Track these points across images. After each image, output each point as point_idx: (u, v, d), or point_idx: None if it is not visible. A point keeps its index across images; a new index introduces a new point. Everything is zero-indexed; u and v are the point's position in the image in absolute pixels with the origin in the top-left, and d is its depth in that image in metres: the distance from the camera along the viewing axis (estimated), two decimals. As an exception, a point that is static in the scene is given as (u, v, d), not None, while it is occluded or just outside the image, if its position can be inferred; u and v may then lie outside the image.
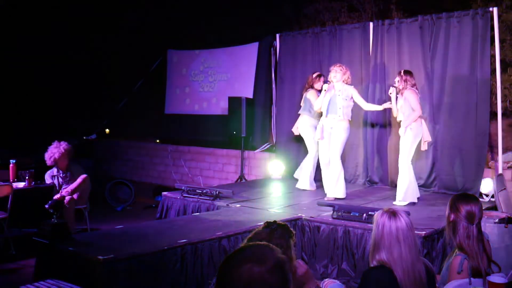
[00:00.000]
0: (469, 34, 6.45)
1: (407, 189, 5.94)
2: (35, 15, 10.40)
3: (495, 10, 6.25)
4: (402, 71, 6.07)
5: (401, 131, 5.95)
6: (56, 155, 6.12)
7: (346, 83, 6.34)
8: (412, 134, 5.90)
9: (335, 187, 6.30)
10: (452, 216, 2.96)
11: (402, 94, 5.97)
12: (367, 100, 7.37)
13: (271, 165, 8.40)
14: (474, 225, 2.90)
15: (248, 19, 9.68)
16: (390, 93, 6.14)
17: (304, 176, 7.09)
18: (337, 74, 6.30)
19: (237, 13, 9.82)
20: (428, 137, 6.03)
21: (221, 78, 10.52)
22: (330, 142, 6.31)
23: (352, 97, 6.33)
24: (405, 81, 5.94)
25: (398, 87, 6.02)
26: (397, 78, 6.04)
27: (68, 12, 10.61)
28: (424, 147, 6.07)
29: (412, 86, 5.95)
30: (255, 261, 1.37)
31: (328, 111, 6.29)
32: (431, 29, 6.77)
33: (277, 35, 8.52)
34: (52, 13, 10.44)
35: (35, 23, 10.39)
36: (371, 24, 7.41)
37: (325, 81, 6.77)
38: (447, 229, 3.04)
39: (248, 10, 9.69)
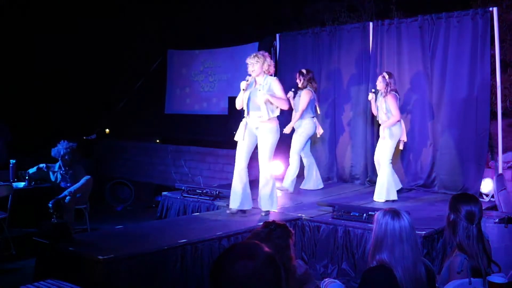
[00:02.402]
0: (469, 34, 6.45)
1: (388, 188, 6.07)
2: (35, 15, 10.39)
3: (495, 10, 6.25)
4: (387, 74, 6.13)
5: (382, 132, 6.09)
6: (64, 151, 6.33)
7: (269, 74, 5.30)
8: (394, 135, 6.08)
9: (268, 199, 5.31)
10: (452, 216, 2.96)
11: (385, 97, 6.05)
12: (366, 99, 7.39)
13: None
14: (474, 225, 2.90)
15: (248, 19, 9.67)
16: (370, 99, 6.29)
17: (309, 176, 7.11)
18: (254, 66, 5.22)
19: (237, 13, 9.81)
20: (404, 137, 6.20)
21: (221, 78, 10.52)
22: (259, 146, 5.28)
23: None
24: (388, 84, 6.05)
25: (381, 90, 6.11)
26: (381, 80, 6.10)
27: (67, 12, 10.61)
28: (401, 146, 6.26)
29: (392, 90, 6.06)
30: (247, 257, 1.39)
31: (250, 109, 5.29)
32: (431, 29, 6.77)
33: (277, 35, 8.51)
34: (52, 12, 10.44)
35: (34, 23, 10.38)
36: (371, 24, 7.40)
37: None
38: (447, 229, 3.04)
39: (248, 10, 9.69)
